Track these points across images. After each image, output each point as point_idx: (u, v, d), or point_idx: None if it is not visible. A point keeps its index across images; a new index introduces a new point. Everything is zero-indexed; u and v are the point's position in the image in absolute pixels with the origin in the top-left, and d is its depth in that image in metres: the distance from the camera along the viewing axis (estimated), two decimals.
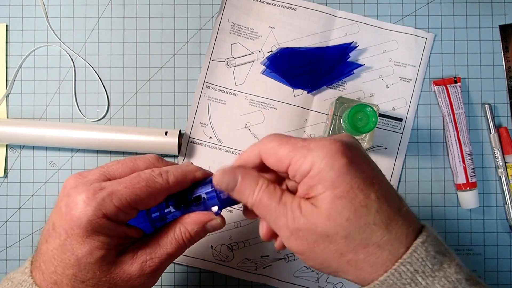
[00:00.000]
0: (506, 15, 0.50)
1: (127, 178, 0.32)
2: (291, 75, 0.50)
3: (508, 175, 0.49)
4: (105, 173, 0.32)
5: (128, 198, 0.30)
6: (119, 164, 0.33)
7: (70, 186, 0.31)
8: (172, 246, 0.33)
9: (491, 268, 0.49)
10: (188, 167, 0.34)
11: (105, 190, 0.30)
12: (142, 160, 0.34)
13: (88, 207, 0.29)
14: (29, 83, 0.50)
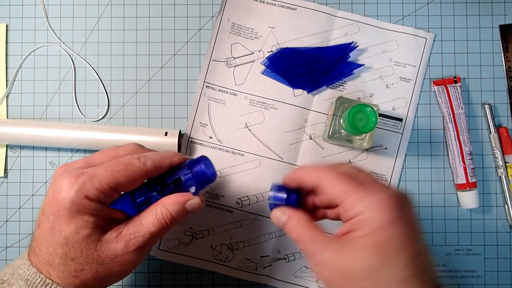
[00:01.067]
0: (506, 15, 0.50)
1: (107, 164, 0.35)
2: (291, 75, 0.50)
3: (508, 175, 0.49)
4: (88, 162, 0.36)
5: (107, 180, 0.34)
6: (101, 153, 0.37)
7: (57, 175, 0.35)
8: (154, 226, 0.35)
9: (491, 268, 0.49)
10: (167, 153, 0.37)
11: (86, 174, 0.34)
12: (123, 149, 0.37)
13: (71, 190, 0.33)
14: (29, 83, 0.50)
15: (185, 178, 0.37)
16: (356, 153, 0.50)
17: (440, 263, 0.50)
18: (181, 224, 0.49)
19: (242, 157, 0.49)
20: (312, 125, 0.50)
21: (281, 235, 0.49)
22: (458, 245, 0.50)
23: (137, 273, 0.50)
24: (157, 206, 0.36)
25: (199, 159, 0.38)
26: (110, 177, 0.34)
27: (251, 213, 0.49)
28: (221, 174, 0.49)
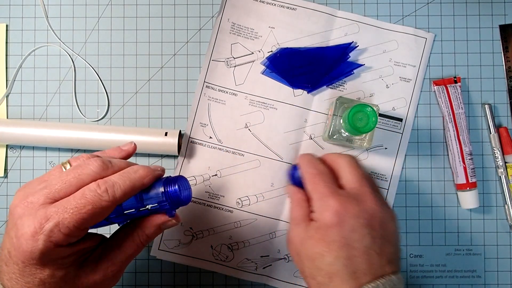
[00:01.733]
0: (506, 15, 0.50)
1: (72, 201, 0.32)
2: (291, 75, 0.50)
3: (508, 175, 0.49)
4: (49, 196, 0.33)
5: (75, 224, 0.32)
6: (62, 182, 0.33)
7: (17, 216, 0.32)
8: (131, 249, 0.36)
9: (491, 268, 0.49)
10: (136, 173, 0.35)
11: (51, 220, 0.31)
12: (86, 174, 0.34)
13: (38, 242, 0.31)
14: (29, 83, 0.50)
15: (160, 204, 0.36)
16: (356, 153, 0.50)
17: (440, 263, 0.50)
18: (181, 224, 0.49)
19: (242, 157, 0.49)
20: (312, 125, 0.50)
21: (281, 235, 0.49)
22: (458, 245, 0.50)
23: (137, 273, 0.50)
24: (134, 232, 0.36)
25: (175, 180, 0.36)
26: (77, 220, 0.31)
27: (251, 213, 0.49)
28: (221, 174, 0.49)
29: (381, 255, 0.35)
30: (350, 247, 0.35)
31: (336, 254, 0.35)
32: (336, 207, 0.35)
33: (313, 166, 0.39)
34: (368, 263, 0.34)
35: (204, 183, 0.49)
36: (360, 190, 0.37)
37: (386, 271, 0.35)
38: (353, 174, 0.38)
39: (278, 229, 0.49)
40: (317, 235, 0.36)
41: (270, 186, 0.49)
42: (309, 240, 0.36)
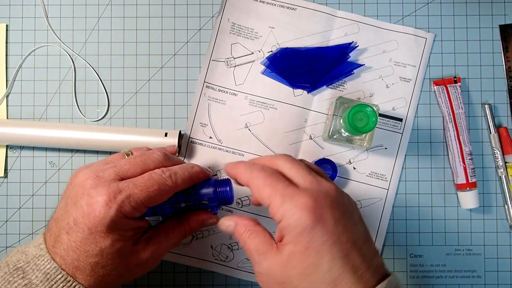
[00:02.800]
0: (506, 15, 0.50)
1: (141, 180, 0.36)
2: (291, 75, 0.50)
3: (508, 175, 0.49)
4: (119, 173, 0.37)
5: (143, 200, 0.35)
6: (131, 164, 0.37)
7: (89, 186, 0.35)
8: (176, 237, 0.40)
9: (491, 268, 0.49)
10: (193, 168, 0.39)
11: (123, 193, 0.35)
12: (152, 160, 0.38)
13: (110, 209, 0.34)
14: (29, 83, 0.50)
15: (211, 204, 0.40)
16: (356, 153, 0.50)
17: (440, 263, 0.50)
18: None
19: (242, 157, 0.49)
20: (312, 125, 0.50)
21: None
22: (458, 245, 0.50)
23: None
24: (183, 222, 0.40)
25: (225, 182, 0.40)
26: (145, 196, 0.35)
27: (251, 213, 0.49)
28: (221, 174, 0.49)
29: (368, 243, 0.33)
30: (340, 242, 0.31)
31: (331, 257, 0.30)
32: (309, 203, 0.31)
33: (260, 169, 0.35)
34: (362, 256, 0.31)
35: None
36: (316, 181, 0.33)
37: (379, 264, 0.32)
38: (298, 170, 0.34)
39: None
40: (300, 246, 0.31)
41: None
42: (291, 258, 0.31)
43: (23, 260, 0.35)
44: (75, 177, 0.37)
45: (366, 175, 0.49)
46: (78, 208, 0.35)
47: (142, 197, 0.35)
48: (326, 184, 0.34)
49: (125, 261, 0.37)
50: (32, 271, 0.34)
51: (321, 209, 0.31)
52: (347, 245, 0.31)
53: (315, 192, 0.32)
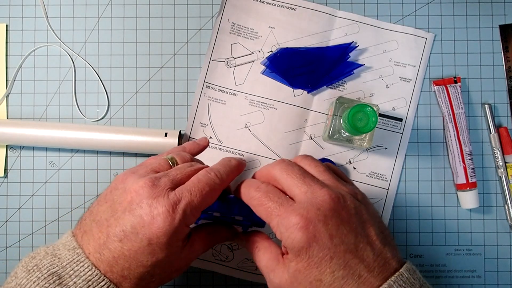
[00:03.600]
0: (506, 15, 0.50)
1: (192, 185, 0.35)
2: (291, 75, 0.50)
3: (508, 175, 0.49)
4: (173, 181, 0.36)
5: (199, 204, 0.35)
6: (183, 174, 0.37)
7: (147, 195, 0.34)
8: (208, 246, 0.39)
9: (491, 268, 0.49)
10: (231, 162, 0.39)
11: (183, 201, 0.34)
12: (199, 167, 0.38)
13: (174, 220, 0.33)
14: (29, 83, 0.50)
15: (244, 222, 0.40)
16: (356, 153, 0.50)
17: (440, 263, 0.50)
18: None
19: (242, 157, 0.49)
20: (312, 125, 0.50)
21: None
22: (458, 245, 0.50)
23: None
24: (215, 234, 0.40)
25: None
26: (201, 201, 0.35)
27: None
28: None
29: (371, 243, 0.33)
30: (338, 255, 0.31)
31: (331, 270, 0.31)
32: (300, 223, 0.32)
33: (255, 188, 0.36)
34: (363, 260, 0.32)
35: None
36: (310, 191, 0.34)
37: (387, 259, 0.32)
38: (293, 179, 0.35)
39: None
40: (301, 264, 0.32)
41: None
42: (298, 274, 0.32)
43: (57, 265, 0.33)
44: (124, 182, 0.35)
45: (366, 175, 0.49)
46: (136, 217, 0.33)
47: (199, 202, 0.35)
48: (320, 193, 0.33)
49: (170, 268, 0.36)
50: (69, 277, 0.32)
51: (314, 227, 0.32)
52: (346, 255, 0.32)
53: (307, 208, 0.32)
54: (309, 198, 0.33)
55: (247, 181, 0.38)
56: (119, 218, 0.34)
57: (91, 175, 0.50)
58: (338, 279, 0.31)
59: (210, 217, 0.40)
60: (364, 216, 0.34)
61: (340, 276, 0.31)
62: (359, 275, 0.31)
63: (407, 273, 0.32)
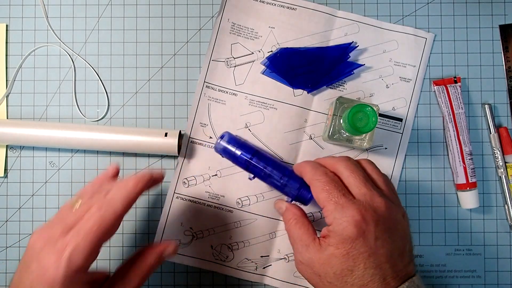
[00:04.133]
0: (506, 15, 0.50)
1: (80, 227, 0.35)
2: (291, 75, 0.50)
3: (508, 175, 0.49)
4: (65, 228, 0.35)
5: (90, 246, 0.34)
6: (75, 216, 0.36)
7: (39, 249, 0.34)
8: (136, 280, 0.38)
9: (491, 268, 0.49)
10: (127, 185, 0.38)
11: (68, 247, 0.34)
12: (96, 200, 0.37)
13: (59, 269, 0.33)
14: (29, 83, 0.50)
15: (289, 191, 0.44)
16: (356, 153, 0.50)
17: (440, 263, 0.50)
18: (181, 224, 0.49)
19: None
20: (312, 125, 0.50)
21: (281, 235, 0.49)
22: (458, 245, 0.50)
23: None
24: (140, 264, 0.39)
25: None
26: (90, 241, 0.34)
27: (251, 213, 0.49)
28: (221, 174, 0.49)
29: (402, 256, 0.35)
30: (376, 255, 0.34)
31: (365, 266, 0.34)
32: (356, 217, 0.35)
33: (321, 173, 0.38)
34: (393, 267, 0.35)
35: (204, 183, 0.49)
36: (370, 195, 0.36)
37: (409, 271, 0.35)
38: (356, 179, 0.37)
39: (278, 229, 0.49)
40: (341, 251, 0.35)
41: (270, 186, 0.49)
42: (334, 258, 0.35)
43: None
44: (29, 240, 0.36)
45: None
46: (31, 273, 0.34)
47: (88, 243, 0.34)
48: (378, 200, 0.36)
49: None
50: None
51: (366, 225, 0.35)
52: (381, 258, 0.35)
53: (365, 207, 0.35)
54: (367, 201, 0.36)
55: (315, 163, 0.40)
56: (21, 278, 0.35)
57: (91, 175, 0.50)
58: (367, 275, 0.34)
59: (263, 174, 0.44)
60: (405, 231, 0.37)
61: (370, 273, 0.34)
62: (384, 278, 0.34)
63: (417, 280, 0.35)
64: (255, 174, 0.45)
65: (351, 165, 0.38)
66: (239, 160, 0.45)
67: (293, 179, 0.44)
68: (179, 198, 0.50)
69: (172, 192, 0.50)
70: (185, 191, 0.50)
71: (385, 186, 0.39)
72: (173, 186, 0.50)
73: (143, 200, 0.50)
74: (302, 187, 0.43)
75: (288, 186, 0.44)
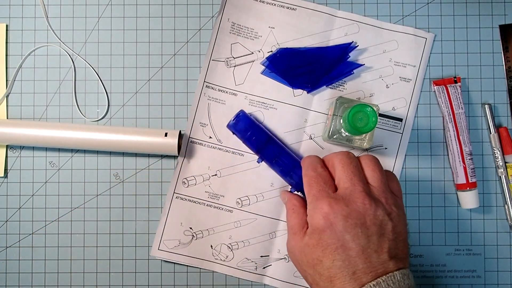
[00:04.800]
0: (506, 15, 0.50)
1: None
2: (290, 75, 0.50)
3: (508, 175, 0.49)
4: None
5: None
6: None
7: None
8: None
9: (491, 268, 0.49)
10: None
11: None
12: None
13: None
14: (29, 83, 0.50)
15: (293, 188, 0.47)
16: (356, 153, 0.50)
17: (440, 263, 0.50)
18: (181, 224, 0.49)
19: (242, 157, 0.49)
20: (312, 125, 0.50)
21: (281, 235, 0.49)
22: (458, 245, 0.50)
23: (137, 273, 0.50)
24: None
25: None
26: None
27: (251, 213, 0.49)
28: (221, 174, 0.49)
29: (379, 252, 0.35)
30: (345, 248, 0.35)
31: (333, 257, 0.35)
32: (325, 209, 0.36)
33: (312, 168, 0.40)
34: (367, 262, 0.35)
35: (204, 183, 0.49)
36: (351, 189, 0.37)
37: (390, 268, 0.35)
38: (344, 173, 0.38)
39: (278, 229, 0.49)
40: (312, 241, 0.37)
41: (270, 186, 0.49)
42: (307, 247, 0.37)
43: None
44: None
45: None
46: None
47: None
48: (356, 195, 0.37)
49: None
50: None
51: (334, 217, 0.36)
52: (351, 252, 0.35)
53: (337, 200, 0.37)
54: (346, 195, 0.37)
55: (313, 159, 0.41)
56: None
57: (91, 175, 0.50)
58: (335, 267, 0.35)
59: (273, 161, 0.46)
60: (386, 230, 0.36)
61: (338, 265, 0.35)
62: (354, 272, 0.35)
63: (399, 275, 0.34)
64: (265, 158, 0.47)
65: (344, 159, 0.39)
66: (252, 142, 0.47)
67: (298, 170, 0.45)
68: (179, 198, 0.50)
69: (171, 192, 0.50)
70: (185, 191, 0.50)
71: (377, 183, 0.38)
72: (173, 186, 0.50)
73: (143, 200, 0.50)
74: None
75: (294, 177, 0.46)
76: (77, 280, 0.50)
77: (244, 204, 0.49)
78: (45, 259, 0.50)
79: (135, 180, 0.50)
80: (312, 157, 0.42)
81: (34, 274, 0.50)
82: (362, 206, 0.36)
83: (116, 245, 0.50)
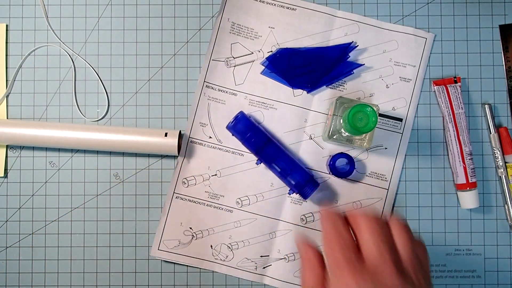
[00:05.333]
0: (506, 15, 0.50)
1: None
2: (290, 75, 0.50)
3: (508, 175, 0.49)
4: None
5: None
6: None
7: None
8: None
9: (491, 268, 0.49)
10: None
11: None
12: None
13: None
14: (29, 83, 0.50)
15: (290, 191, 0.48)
16: (356, 153, 0.50)
17: (440, 263, 0.50)
18: (181, 224, 0.49)
19: (242, 157, 0.49)
20: (312, 125, 0.50)
21: (281, 235, 0.49)
22: (458, 245, 0.50)
23: (137, 273, 0.50)
24: None
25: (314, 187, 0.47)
26: None
27: (251, 212, 0.49)
28: (221, 174, 0.49)
29: None
30: None
31: None
32: (350, 285, 0.31)
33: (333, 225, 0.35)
34: None
35: (204, 183, 0.49)
36: (378, 260, 0.33)
37: None
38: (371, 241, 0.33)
39: (278, 229, 0.49)
40: None
41: (270, 186, 0.49)
42: None
43: None
44: None
45: (366, 175, 0.49)
46: None
47: None
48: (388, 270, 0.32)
49: None
50: None
51: None
52: None
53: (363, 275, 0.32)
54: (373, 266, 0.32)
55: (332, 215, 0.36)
56: None
57: (91, 175, 0.50)
58: None
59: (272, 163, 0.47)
60: None
61: None
62: None
63: None
64: (263, 160, 0.48)
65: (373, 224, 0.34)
66: (251, 144, 0.47)
67: (298, 173, 0.47)
68: (178, 198, 0.50)
69: (171, 192, 0.50)
70: (184, 191, 0.50)
71: (408, 256, 0.34)
72: (173, 186, 0.50)
73: (143, 200, 0.50)
74: (307, 184, 0.47)
75: (292, 179, 0.47)
76: (77, 280, 0.50)
77: (244, 204, 0.49)
78: (45, 259, 0.50)
79: (135, 180, 0.50)
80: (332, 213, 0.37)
81: (34, 274, 0.50)
82: (390, 281, 0.32)
83: (116, 245, 0.50)
